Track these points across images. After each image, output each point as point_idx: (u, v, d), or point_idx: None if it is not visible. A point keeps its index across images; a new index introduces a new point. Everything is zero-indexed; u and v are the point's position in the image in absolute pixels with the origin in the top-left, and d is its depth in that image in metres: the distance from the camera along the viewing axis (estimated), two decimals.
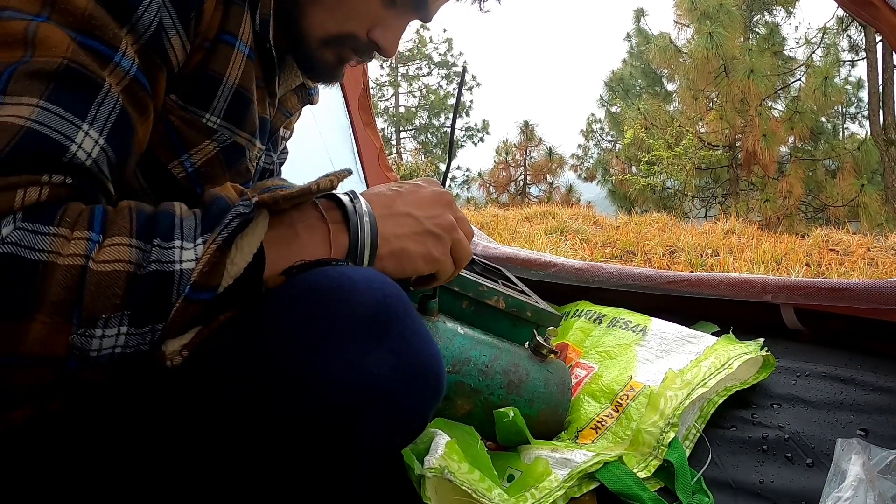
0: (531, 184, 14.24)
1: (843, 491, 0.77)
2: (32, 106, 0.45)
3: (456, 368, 0.89)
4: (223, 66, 0.63)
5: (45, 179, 0.45)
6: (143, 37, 0.52)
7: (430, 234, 0.64)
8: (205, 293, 0.47)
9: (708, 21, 9.61)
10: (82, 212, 0.46)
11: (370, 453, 0.53)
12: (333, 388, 0.49)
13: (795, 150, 10.34)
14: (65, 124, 0.46)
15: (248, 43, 0.65)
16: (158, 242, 0.46)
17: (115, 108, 0.50)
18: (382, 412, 0.51)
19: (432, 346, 0.56)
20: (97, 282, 0.44)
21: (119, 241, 0.45)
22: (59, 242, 0.43)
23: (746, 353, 1.09)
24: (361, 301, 0.52)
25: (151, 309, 0.46)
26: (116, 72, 0.50)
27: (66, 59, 0.47)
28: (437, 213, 0.65)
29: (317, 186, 0.57)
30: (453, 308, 0.98)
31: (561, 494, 0.82)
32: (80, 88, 0.48)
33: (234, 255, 0.49)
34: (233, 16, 0.62)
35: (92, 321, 0.44)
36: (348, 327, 0.50)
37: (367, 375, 0.50)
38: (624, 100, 12.71)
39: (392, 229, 0.61)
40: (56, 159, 0.46)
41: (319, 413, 0.49)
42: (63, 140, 0.46)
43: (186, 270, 0.46)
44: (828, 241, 3.74)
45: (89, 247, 0.44)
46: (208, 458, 0.51)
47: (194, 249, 0.47)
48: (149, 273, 0.45)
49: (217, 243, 0.48)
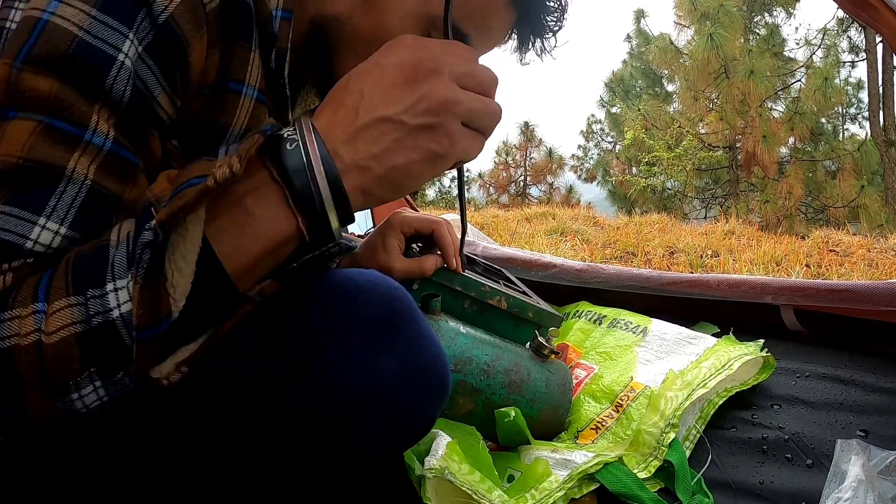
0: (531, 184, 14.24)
1: (843, 492, 0.77)
2: None
3: (458, 367, 0.89)
4: (230, 116, 0.57)
5: (6, 267, 0.45)
6: (120, 105, 0.48)
7: (421, 129, 0.49)
8: (153, 329, 0.44)
9: (708, 22, 9.62)
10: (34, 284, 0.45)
11: (375, 455, 0.53)
12: (341, 391, 0.49)
13: (795, 151, 10.34)
14: (20, 224, 0.45)
15: (258, 85, 0.59)
16: (92, 293, 0.44)
17: (80, 191, 0.47)
18: (389, 415, 0.51)
19: (438, 349, 0.56)
20: (52, 354, 0.43)
21: (59, 306, 0.44)
22: (16, 324, 0.43)
23: (747, 354, 1.09)
24: (368, 305, 0.51)
25: (112, 359, 0.45)
26: (89, 150, 0.47)
27: (20, 157, 0.46)
28: (420, 94, 0.49)
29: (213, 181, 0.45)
30: (455, 307, 0.98)
31: (561, 495, 0.82)
32: (37, 184, 0.46)
33: (172, 276, 0.44)
34: (237, 60, 0.56)
35: (63, 389, 0.44)
36: (356, 331, 0.50)
37: (375, 378, 0.50)
38: (624, 100, 12.71)
39: (365, 150, 0.48)
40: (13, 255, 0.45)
41: (327, 415, 0.49)
42: (16, 239, 0.45)
43: (126, 314, 0.44)
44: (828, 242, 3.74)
45: (37, 320, 0.44)
46: (210, 458, 0.52)
47: (127, 288, 0.44)
48: (94, 327, 0.44)
49: (140, 283, 0.44)
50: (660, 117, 11.33)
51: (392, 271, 0.91)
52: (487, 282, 1.03)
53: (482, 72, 0.52)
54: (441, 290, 0.97)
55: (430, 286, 0.93)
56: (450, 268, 0.97)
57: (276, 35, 0.58)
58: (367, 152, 0.48)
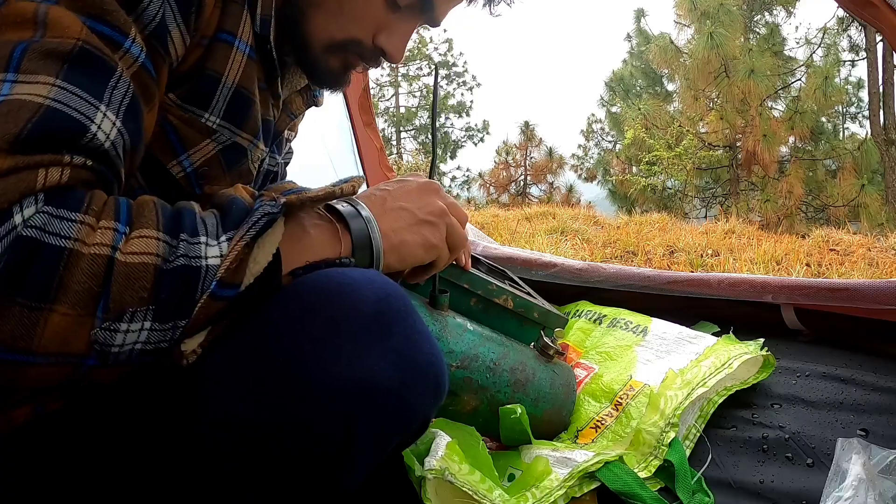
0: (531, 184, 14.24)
1: (844, 491, 0.77)
2: (50, 84, 0.44)
3: (464, 364, 0.89)
4: (221, 65, 0.62)
5: (67, 160, 0.44)
6: (148, 27, 0.52)
7: (425, 223, 0.65)
8: (229, 290, 0.47)
9: (708, 21, 9.61)
10: (107, 201, 0.45)
11: (372, 452, 0.53)
12: (336, 388, 0.49)
13: (796, 150, 10.34)
14: (83, 104, 0.45)
15: (249, 42, 0.64)
16: (185, 237, 0.46)
17: (127, 92, 0.49)
18: (384, 411, 0.51)
19: (434, 346, 0.56)
20: (125, 273, 0.43)
21: (147, 234, 0.45)
22: (84, 230, 0.42)
23: (746, 353, 1.09)
24: (363, 300, 0.52)
25: (176, 304, 0.45)
26: (126, 58, 0.50)
27: (80, 40, 0.46)
28: (427, 202, 0.66)
29: (340, 191, 0.59)
30: (461, 305, 0.98)
31: (561, 494, 0.82)
32: (95, 70, 0.47)
33: (257, 253, 0.49)
34: (231, 14, 0.61)
35: (118, 314, 0.43)
36: (350, 326, 0.50)
37: (370, 374, 0.50)
38: (624, 100, 12.70)
39: (389, 224, 0.62)
40: (76, 139, 0.45)
41: (322, 412, 0.49)
42: (83, 119, 0.45)
43: (212, 266, 0.46)
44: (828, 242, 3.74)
45: (116, 237, 0.43)
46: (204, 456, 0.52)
47: (218, 246, 0.47)
48: (176, 268, 0.45)
49: (245, 240, 0.48)
50: (660, 116, 11.33)
51: None
52: (494, 280, 1.03)
53: (459, 209, 0.71)
54: (448, 286, 0.97)
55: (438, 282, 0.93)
56: (458, 265, 0.97)
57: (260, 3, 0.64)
58: (389, 226, 0.62)
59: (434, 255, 0.67)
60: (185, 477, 0.53)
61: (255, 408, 0.50)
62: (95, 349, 0.43)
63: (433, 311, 0.89)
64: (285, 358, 0.50)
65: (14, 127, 0.42)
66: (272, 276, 0.51)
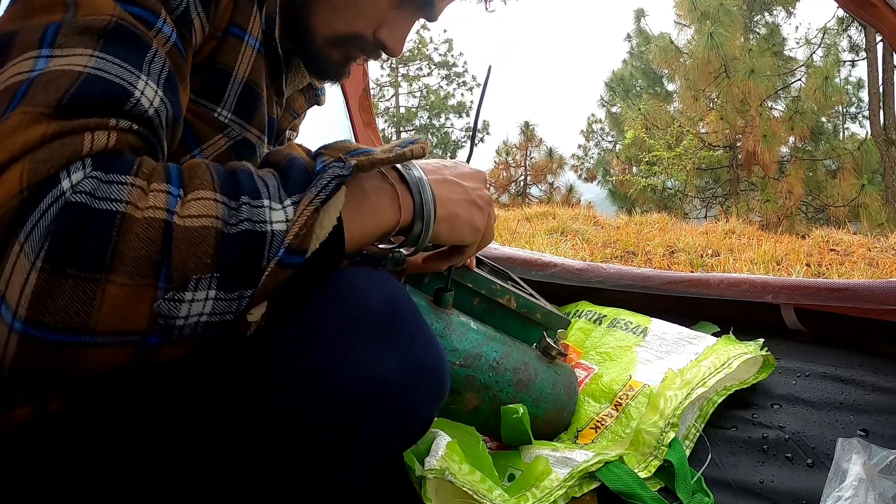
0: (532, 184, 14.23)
1: (844, 490, 0.77)
2: (88, 55, 0.44)
3: (467, 363, 0.89)
4: (232, 58, 0.62)
5: (113, 123, 0.42)
6: (175, 12, 0.52)
7: (475, 205, 0.66)
8: (297, 257, 0.45)
9: (708, 21, 9.61)
10: (157, 165, 0.44)
11: (375, 452, 0.53)
12: (341, 388, 0.49)
13: (796, 151, 10.34)
14: (124, 71, 0.44)
15: (258, 37, 0.64)
16: (246, 200, 0.44)
17: (164, 66, 0.49)
18: (388, 411, 0.51)
19: (437, 347, 0.56)
20: (186, 238, 0.40)
21: (204, 195, 0.42)
22: (136, 193, 0.40)
23: (746, 353, 1.09)
24: (371, 302, 0.52)
25: (242, 272, 0.43)
26: (159, 37, 0.49)
27: (114, 16, 0.46)
28: (479, 187, 0.68)
29: (411, 152, 0.57)
30: (464, 305, 0.98)
31: (561, 494, 0.82)
32: (132, 44, 0.47)
33: (323, 217, 0.47)
34: (241, 9, 0.62)
35: (182, 283, 0.40)
36: (357, 328, 0.50)
37: (375, 375, 0.50)
38: (624, 100, 12.71)
39: (447, 194, 0.63)
40: (121, 104, 0.43)
41: (326, 412, 0.49)
42: (126, 85, 0.44)
43: (279, 232, 0.44)
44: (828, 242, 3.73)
45: (170, 200, 0.41)
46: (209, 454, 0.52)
47: (283, 210, 0.45)
48: (240, 233, 0.42)
49: (315, 205, 0.46)
50: (660, 117, 11.33)
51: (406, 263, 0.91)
52: (498, 280, 1.03)
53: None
54: (452, 285, 0.97)
55: (441, 281, 0.93)
56: (463, 264, 0.97)
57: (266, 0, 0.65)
58: (447, 195, 0.63)
59: (475, 239, 0.67)
60: (185, 477, 0.53)
61: (258, 407, 0.50)
62: (159, 323, 0.41)
63: (437, 309, 0.89)
64: (291, 358, 0.50)
65: (56, 93, 0.41)
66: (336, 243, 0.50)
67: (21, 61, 0.43)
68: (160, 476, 0.53)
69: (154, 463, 0.53)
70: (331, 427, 0.50)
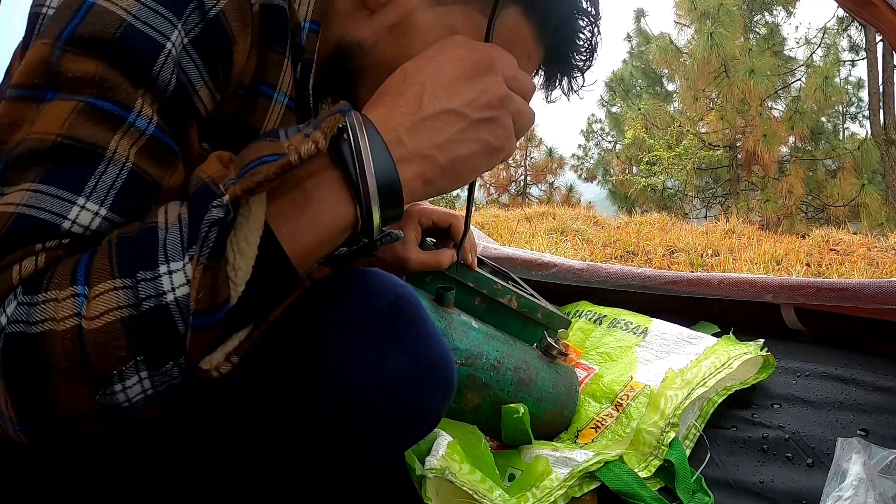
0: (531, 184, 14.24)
1: (844, 490, 0.77)
2: (24, 191, 0.43)
3: (469, 362, 0.89)
4: (261, 119, 0.57)
5: (39, 248, 0.43)
6: (165, 94, 0.48)
7: (482, 122, 0.52)
8: (211, 316, 0.42)
9: (708, 21, 9.61)
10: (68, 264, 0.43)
11: (384, 451, 0.54)
12: (350, 389, 0.49)
13: (796, 150, 10.34)
14: (56, 203, 0.43)
15: (288, 93, 0.59)
16: (142, 276, 0.42)
17: (120, 173, 0.45)
18: (398, 411, 0.51)
19: (443, 346, 0.56)
20: (94, 340, 0.41)
21: (103, 288, 0.42)
22: (51, 308, 0.41)
23: (746, 353, 1.09)
24: (377, 303, 0.52)
25: (162, 347, 0.42)
26: (131, 132, 0.46)
27: (59, 135, 0.44)
28: (480, 89, 0.52)
29: (297, 156, 0.45)
30: (465, 304, 0.98)
31: (562, 494, 0.83)
32: (76, 163, 0.44)
33: (234, 259, 0.43)
34: (271, 64, 0.55)
35: (106, 379, 0.41)
36: (365, 329, 0.50)
37: (383, 375, 0.50)
38: (624, 100, 12.70)
39: (429, 139, 0.50)
40: (47, 236, 0.43)
41: (336, 412, 0.49)
42: (54, 219, 0.43)
43: (182, 298, 0.42)
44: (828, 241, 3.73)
45: (77, 303, 0.41)
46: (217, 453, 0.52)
47: (183, 270, 0.42)
48: (145, 312, 0.41)
49: (203, 263, 0.42)
50: (660, 116, 11.33)
51: (408, 262, 0.91)
52: (499, 280, 1.03)
53: (525, 77, 0.56)
54: (453, 284, 0.97)
55: (443, 280, 0.93)
56: (464, 263, 0.97)
57: (304, 47, 0.58)
58: (431, 142, 0.50)
59: (501, 157, 0.54)
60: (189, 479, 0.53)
61: (268, 409, 0.50)
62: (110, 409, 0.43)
63: (439, 307, 0.89)
64: (298, 361, 0.50)
65: None
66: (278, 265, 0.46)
67: None
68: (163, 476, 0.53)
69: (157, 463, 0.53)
70: (341, 430, 0.50)
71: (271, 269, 0.46)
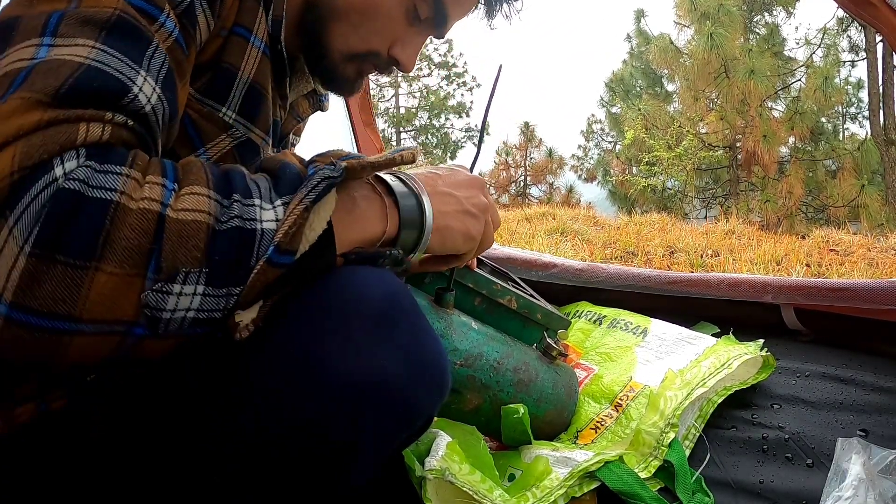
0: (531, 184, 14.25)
1: (844, 490, 0.77)
2: (90, 47, 0.44)
3: (468, 362, 0.89)
4: (238, 58, 0.62)
5: (109, 117, 0.43)
6: (179, 7, 0.52)
7: (470, 214, 0.66)
8: (286, 256, 0.45)
9: (708, 21, 9.61)
10: (152, 160, 0.44)
11: (378, 449, 0.53)
12: (343, 384, 0.49)
13: (796, 151, 10.34)
14: (124, 66, 0.45)
15: (264, 39, 0.64)
16: (238, 198, 0.44)
17: (164, 63, 0.49)
18: (390, 408, 0.51)
19: (438, 344, 0.56)
20: (178, 230, 0.41)
21: (197, 191, 0.43)
22: (131, 184, 0.40)
23: (746, 354, 1.09)
24: (370, 298, 0.52)
25: (232, 268, 0.43)
26: (161, 31, 0.50)
27: (117, 9, 0.46)
28: (473, 195, 0.67)
29: (401, 157, 0.57)
30: (465, 305, 0.98)
31: (562, 493, 0.83)
32: (133, 38, 0.47)
33: (313, 219, 0.47)
34: (248, 10, 0.61)
35: (171, 274, 0.40)
36: (358, 324, 0.51)
37: (377, 371, 0.50)
38: (624, 100, 12.70)
39: (438, 206, 0.63)
40: (118, 99, 0.43)
41: (329, 409, 0.49)
42: (125, 80, 0.44)
43: (268, 230, 0.44)
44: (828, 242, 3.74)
45: (165, 193, 0.41)
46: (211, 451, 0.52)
47: (274, 210, 0.45)
48: (230, 229, 0.43)
49: (304, 204, 0.46)
50: (660, 117, 11.33)
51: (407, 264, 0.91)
52: (499, 281, 1.03)
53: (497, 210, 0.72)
54: (453, 285, 0.97)
55: (442, 281, 0.93)
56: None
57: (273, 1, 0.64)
58: (438, 208, 0.63)
59: (470, 247, 0.68)
60: (186, 477, 0.53)
61: (261, 406, 0.50)
62: (146, 314, 0.41)
63: (438, 308, 0.89)
64: (290, 354, 0.50)
65: (55, 81, 0.41)
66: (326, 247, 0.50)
67: (23, 48, 0.43)
68: (161, 476, 0.53)
69: (155, 463, 0.53)
70: (333, 423, 0.50)
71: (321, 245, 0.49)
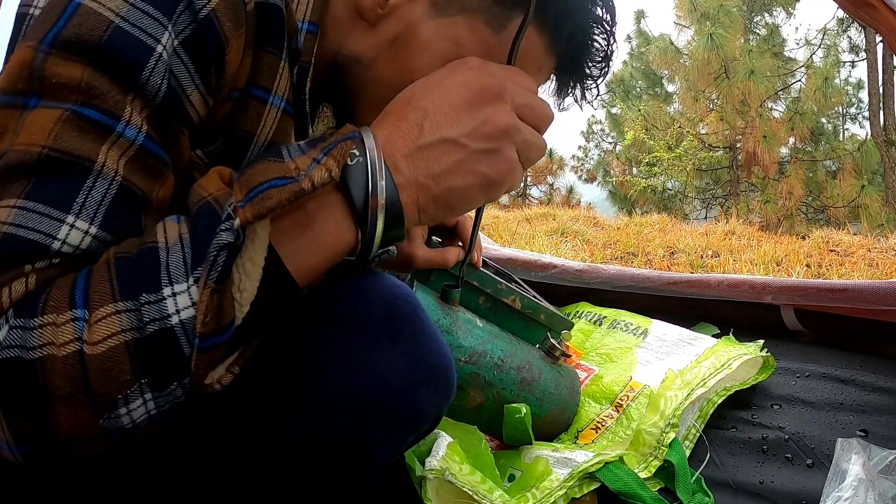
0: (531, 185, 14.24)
1: (844, 490, 0.77)
2: (10, 207, 0.41)
3: (472, 360, 0.89)
4: (254, 124, 0.55)
5: (29, 269, 0.41)
6: (154, 101, 0.46)
7: (482, 154, 0.50)
8: (217, 337, 0.42)
9: (708, 22, 9.62)
10: (63, 286, 0.42)
11: (384, 453, 0.53)
12: (349, 391, 0.49)
13: (796, 151, 10.34)
14: (45, 221, 0.42)
15: (285, 96, 0.56)
16: (146, 298, 0.41)
17: (109, 188, 0.44)
18: (396, 413, 0.51)
19: (442, 346, 0.56)
20: (98, 366, 0.40)
21: (105, 312, 0.40)
22: (49, 333, 0.40)
23: (746, 354, 1.09)
24: (372, 304, 0.52)
25: (168, 367, 0.42)
26: (120, 142, 0.44)
27: (45, 147, 0.42)
28: (483, 118, 0.50)
29: (310, 184, 0.44)
30: (469, 303, 0.98)
31: (562, 494, 0.83)
32: (63, 177, 0.43)
33: (239, 281, 0.42)
34: (266, 67, 0.53)
35: (110, 404, 0.41)
36: (360, 331, 0.50)
37: (382, 377, 0.50)
38: (624, 101, 12.70)
39: (426, 168, 0.49)
40: (37, 256, 0.42)
41: (336, 415, 0.49)
42: (42, 239, 0.42)
43: (187, 320, 0.41)
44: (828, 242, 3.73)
45: (78, 328, 0.40)
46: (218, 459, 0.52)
47: (188, 293, 0.41)
48: (149, 335, 0.41)
49: (210, 287, 0.41)
50: (660, 117, 11.34)
51: (414, 258, 0.89)
52: (503, 280, 1.04)
53: (540, 105, 0.53)
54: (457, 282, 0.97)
55: (448, 279, 0.93)
56: (469, 262, 0.97)
57: (301, 50, 0.56)
58: (427, 171, 0.49)
59: (499, 192, 0.52)
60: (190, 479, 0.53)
61: (267, 413, 0.50)
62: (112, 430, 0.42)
63: (444, 305, 0.89)
64: (295, 364, 0.50)
65: None
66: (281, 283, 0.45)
67: None
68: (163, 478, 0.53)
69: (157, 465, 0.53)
70: (339, 432, 0.50)
71: (275, 288, 0.45)
